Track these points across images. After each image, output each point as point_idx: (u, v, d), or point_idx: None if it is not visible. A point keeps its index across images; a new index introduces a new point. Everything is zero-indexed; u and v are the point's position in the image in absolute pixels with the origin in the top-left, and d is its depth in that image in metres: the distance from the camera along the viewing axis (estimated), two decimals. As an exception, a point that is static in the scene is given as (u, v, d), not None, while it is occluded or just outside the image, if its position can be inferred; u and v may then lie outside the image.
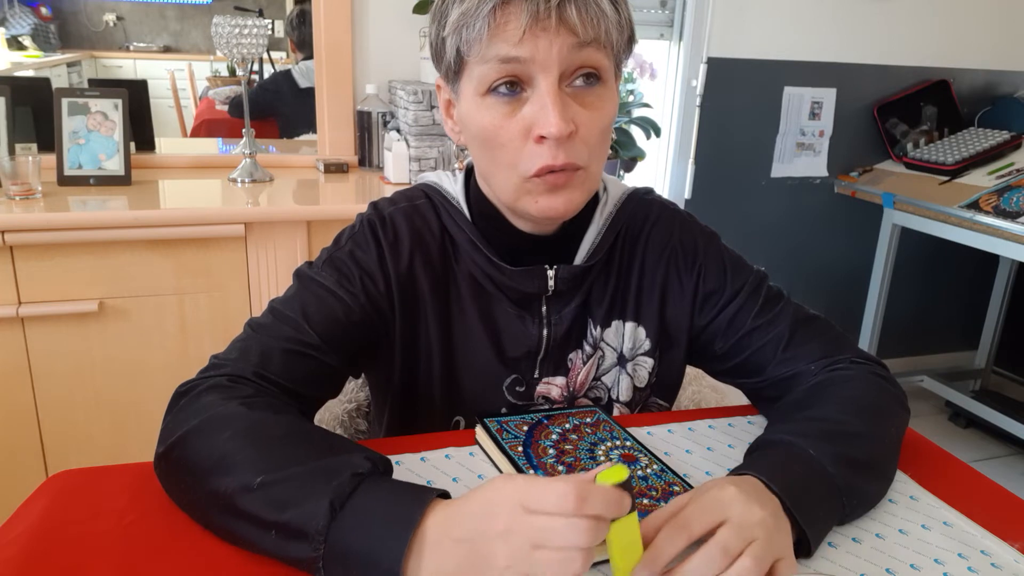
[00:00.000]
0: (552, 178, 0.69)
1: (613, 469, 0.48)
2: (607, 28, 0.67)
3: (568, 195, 0.71)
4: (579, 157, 0.69)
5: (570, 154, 0.68)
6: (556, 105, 0.66)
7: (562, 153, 0.67)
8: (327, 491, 0.52)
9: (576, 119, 0.67)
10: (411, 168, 1.88)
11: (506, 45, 0.65)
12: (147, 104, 2.05)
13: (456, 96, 0.73)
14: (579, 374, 0.84)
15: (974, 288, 2.92)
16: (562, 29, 0.65)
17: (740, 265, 0.85)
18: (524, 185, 0.70)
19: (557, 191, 0.70)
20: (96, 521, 0.59)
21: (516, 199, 0.72)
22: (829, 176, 2.63)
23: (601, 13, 0.66)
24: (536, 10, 0.64)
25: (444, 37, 0.69)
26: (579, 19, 0.65)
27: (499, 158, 0.70)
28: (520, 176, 0.70)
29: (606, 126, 0.71)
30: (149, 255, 1.57)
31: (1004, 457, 2.49)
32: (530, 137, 0.68)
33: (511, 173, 0.70)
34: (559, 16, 0.64)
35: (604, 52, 0.68)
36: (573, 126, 0.67)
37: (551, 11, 0.64)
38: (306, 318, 0.72)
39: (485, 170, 0.75)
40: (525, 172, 0.69)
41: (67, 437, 1.62)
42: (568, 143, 0.67)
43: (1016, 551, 0.62)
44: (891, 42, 2.55)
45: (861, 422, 0.69)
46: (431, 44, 0.73)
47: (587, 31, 0.65)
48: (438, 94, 0.78)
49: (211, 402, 0.62)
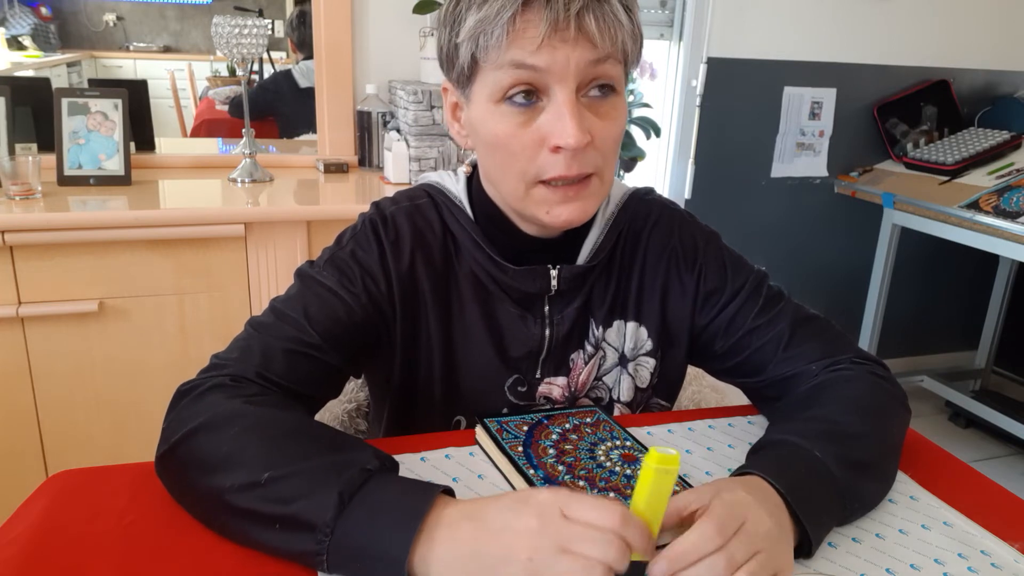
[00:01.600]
0: (565, 188, 0.70)
1: (666, 455, 0.49)
2: (623, 39, 0.67)
3: (582, 205, 0.71)
4: (592, 165, 0.69)
5: (584, 163, 0.68)
6: (574, 116, 0.66)
7: (576, 163, 0.68)
8: (336, 484, 0.52)
9: (592, 129, 0.68)
10: (411, 168, 1.88)
11: (523, 52, 0.65)
12: (147, 104, 2.06)
13: (466, 101, 0.73)
14: (580, 374, 0.84)
15: (974, 288, 2.92)
16: (580, 39, 0.65)
17: (741, 265, 0.85)
18: (534, 193, 0.71)
19: (570, 201, 0.70)
20: (96, 521, 0.59)
21: (526, 206, 0.72)
22: (829, 176, 2.63)
23: (618, 23, 0.66)
24: (556, 18, 0.64)
25: (458, 43, 0.68)
26: (597, 29, 0.65)
27: (510, 165, 0.70)
28: (530, 182, 0.70)
29: (619, 135, 0.72)
30: (149, 255, 1.57)
31: (1004, 457, 2.49)
32: (544, 146, 0.68)
33: (521, 180, 0.70)
34: (578, 25, 0.64)
35: (618, 66, 0.69)
36: (589, 136, 0.67)
37: (570, 20, 0.64)
38: (307, 318, 0.72)
39: (494, 175, 0.75)
40: (535, 178, 0.69)
41: (67, 437, 1.62)
42: (583, 153, 0.68)
43: (1016, 551, 0.62)
44: (891, 42, 2.55)
45: (864, 423, 0.69)
46: (441, 48, 0.73)
47: (604, 41, 0.65)
48: (444, 96, 0.78)
49: (215, 401, 0.63)
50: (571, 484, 0.65)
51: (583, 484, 0.65)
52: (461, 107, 0.75)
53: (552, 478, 0.65)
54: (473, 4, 0.66)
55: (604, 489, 0.65)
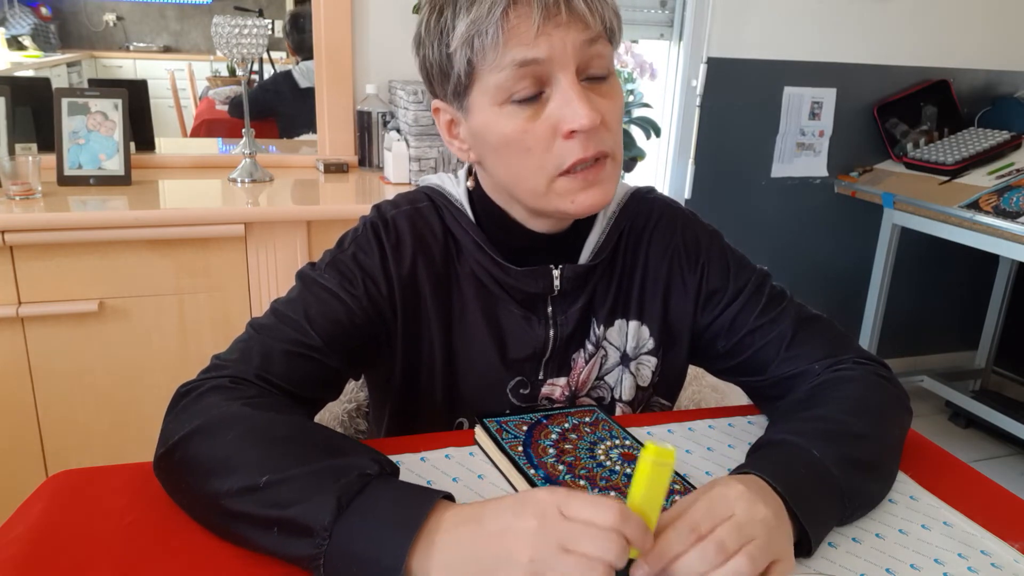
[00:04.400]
0: (584, 174, 0.70)
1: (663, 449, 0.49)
2: (608, 16, 0.69)
3: (603, 187, 0.72)
4: (606, 145, 0.70)
5: (599, 143, 0.69)
6: (582, 98, 0.67)
7: (592, 144, 0.69)
8: (334, 489, 0.52)
9: (599, 108, 0.68)
10: (411, 168, 1.88)
11: (522, 48, 0.66)
12: (147, 104, 2.05)
13: (464, 113, 0.73)
14: (581, 373, 0.84)
15: (974, 288, 2.92)
16: (572, 21, 0.66)
17: (743, 264, 0.85)
18: (556, 185, 0.71)
19: (591, 186, 0.71)
20: (96, 521, 0.59)
21: (549, 201, 0.72)
22: (829, 176, 2.63)
23: (603, 2, 0.68)
24: (546, 3, 0.65)
25: (451, 53, 0.68)
26: (587, 8, 0.66)
27: (526, 163, 0.70)
28: (551, 176, 0.70)
29: (621, 112, 0.73)
30: (149, 255, 1.57)
31: (1004, 457, 2.49)
32: (558, 134, 0.68)
33: (540, 176, 0.70)
34: (568, 8, 0.66)
35: (608, 46, 0.70)
36: (600, 115, 0.68)
37: (560, 4, 0.65)
38: (308, 320, 0.72)
39: (509, 179, 0.74)
40: (556, 169, 0.70)
41: (67, 437, 1.62)
42: (595, 133, 0.69)
43: (1016, 551, 0.62)
44: (891, 42, 2.55)
45: (864, 423, 0.69)
46: (429, 66, 0.72)
47: (595, 20, 0.67)
48: (436, 117, 0.77)
49: (214, 403, 0.62)
50: (572, 484, 0.65)
51: (583, 483, 0.65)
52: (458, 123, 0.75)
53: (552, 478, 0.65)
54: (460, 9, 0.66)
55: (605, 488, 0.65)
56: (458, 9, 0.67)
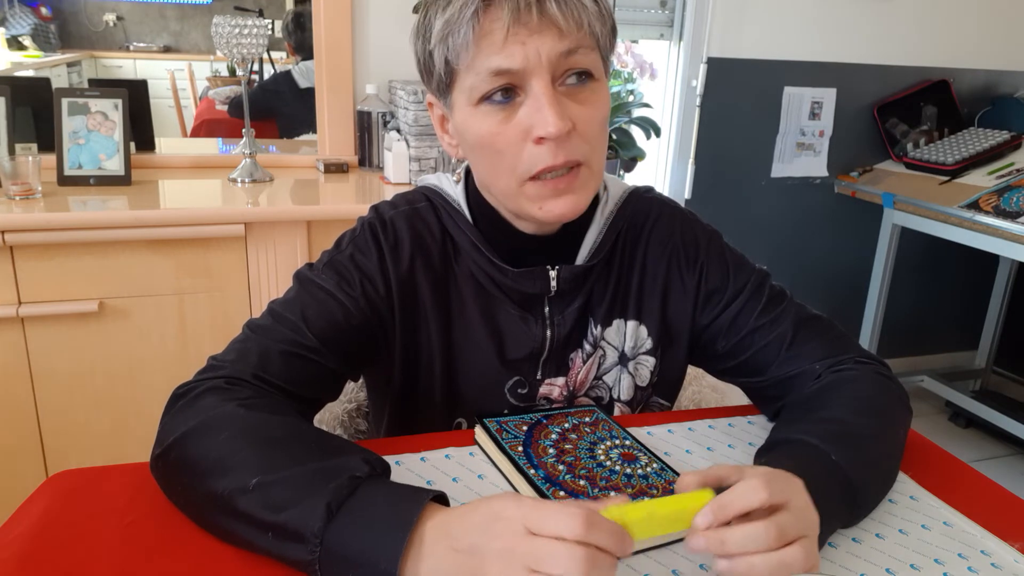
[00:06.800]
0: (555, 182, 0.69)
1: (623, 507, 0.49)
2: (589, 21, 0.67)
3: (574, 198, 0.71)
4: (579, 153, 0.69)
5: (570, 152, 0.68)
6: (552, 105, 0.66)
7: (562, 152, 0.68)
8: (324, 493, 0.52)
9: (573, 116, 0.67)
10: (411, 168, 1.88)
11: (495, 56, 0.65)
12: (147, 104, 2.05)
13: (449, 109, 0.73)
14: (579, 373, 0.84)
15: (974, 288, 2.92)
16: (545, 28, 0.65)
17: (742, 264, 0.85)
18: (526, 189, 0.70)
19: (562, 195, 0.70)
20: (96, 521, 0.59)
21: (519, 204, 0.72)
22: (829, 176, 2.62)
23: (582, 6, 0.66)
24: (516, 6, 0.64)
25: (431, 50, 0.69)
26: (561, 14, 0.65)
27: (498, 164, 0.70)
28: (520, 179, 0.70)
29: (603, 120, 0.71)
30: (149, 255, 1.57)
31: (1004, 457, 2.49)
32: (529, 139, 0.68)
33: (511, 178, 0.70)
34: (540, 11, 0.64)
35: (592, 52, 0.69)
36: (571, 123, 0.67)
37: (531, 8, 0.64)
38: (305, 320, 0.72)
39: (485, 178, 0.75)
40: (525, 174, 0.69)
41: (67, 437, 1.62)
42: (567, 141, 0.68)
43: (1016, 551, 0.62)
44: (891, 42, 2.55)
45: (873, 425, 0.69)
46: (419, 61, 0.73)
47: (570, 26, 0.65)
48: (430, 112, 0.78)
49: (209, 404, 0.62)
50: (572, 484, 0.65)
51: (584, 483, 0.65)
52: (447, 118, 0.76)
53: (552, 478, 0.65)
54: (439, 8, 0.67)
55: (605, 488, 0.65)
56: (437, 8, 0.67)
